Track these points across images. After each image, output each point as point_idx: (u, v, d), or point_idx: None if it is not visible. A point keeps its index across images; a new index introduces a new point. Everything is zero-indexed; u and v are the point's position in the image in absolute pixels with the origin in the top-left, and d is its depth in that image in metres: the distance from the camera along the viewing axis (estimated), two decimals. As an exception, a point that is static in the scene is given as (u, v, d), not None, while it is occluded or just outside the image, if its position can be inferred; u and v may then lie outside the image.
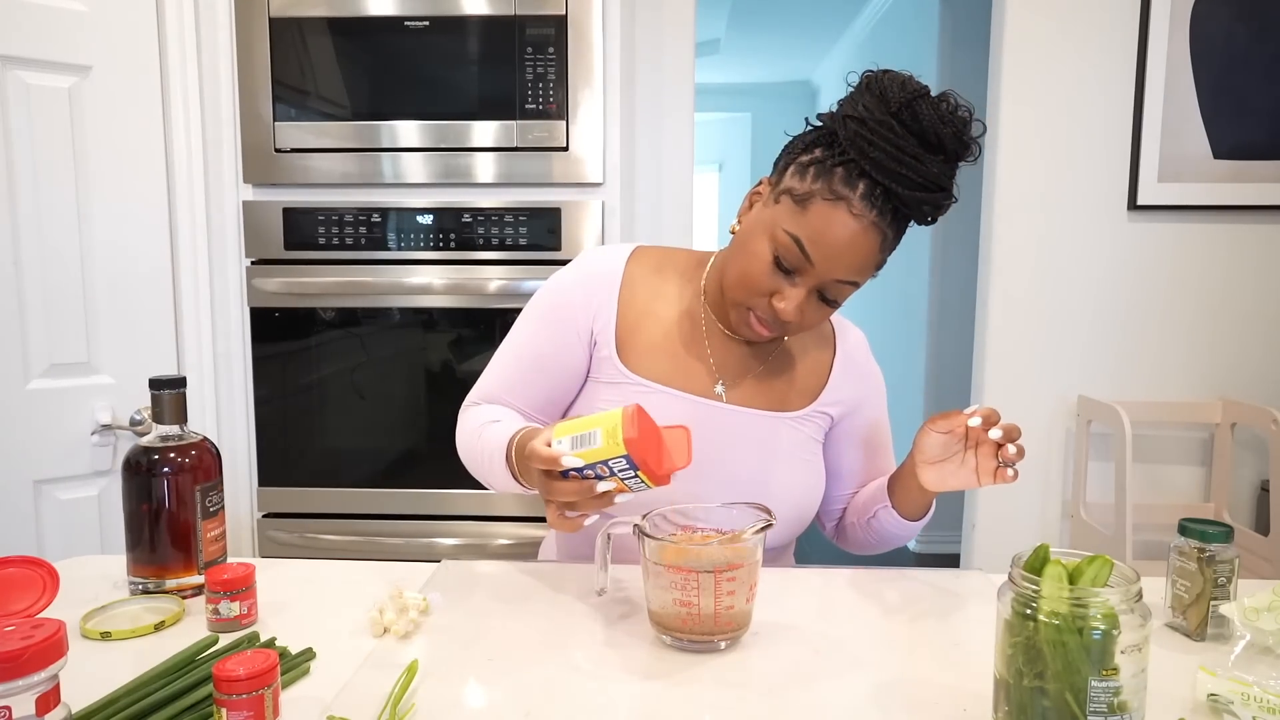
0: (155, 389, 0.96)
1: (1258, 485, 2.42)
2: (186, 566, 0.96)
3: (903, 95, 0.89)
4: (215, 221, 1.83)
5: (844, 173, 0.91)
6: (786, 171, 0.97)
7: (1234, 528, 0.92)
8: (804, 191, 0.93)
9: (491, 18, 1.77)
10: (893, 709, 0.73)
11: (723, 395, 1.06)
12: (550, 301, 1.08)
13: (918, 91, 0.89)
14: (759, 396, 1.08)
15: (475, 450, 1.01)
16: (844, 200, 0.91)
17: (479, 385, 1.10)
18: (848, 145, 0.91)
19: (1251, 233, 2.37)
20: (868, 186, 0.90)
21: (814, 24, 4.71)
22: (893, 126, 0.89)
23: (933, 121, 0.88)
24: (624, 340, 1.06)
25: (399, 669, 0.76)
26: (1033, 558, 0.66)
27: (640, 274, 1.09)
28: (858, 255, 0.93)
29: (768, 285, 0.96)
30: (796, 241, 0.93)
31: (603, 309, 1.06)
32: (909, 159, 0.89)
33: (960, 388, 2.88)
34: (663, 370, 1.05)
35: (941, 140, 0.89)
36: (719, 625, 0.82)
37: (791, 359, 1.11)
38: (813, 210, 0.92)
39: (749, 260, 0.96)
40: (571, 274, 1.09)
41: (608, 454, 0.77)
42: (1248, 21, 2.27)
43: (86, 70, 1.62)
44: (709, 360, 1.07)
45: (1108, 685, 0.60)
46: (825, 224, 0.91)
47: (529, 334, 1.08)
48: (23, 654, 0.54)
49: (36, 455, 1.62)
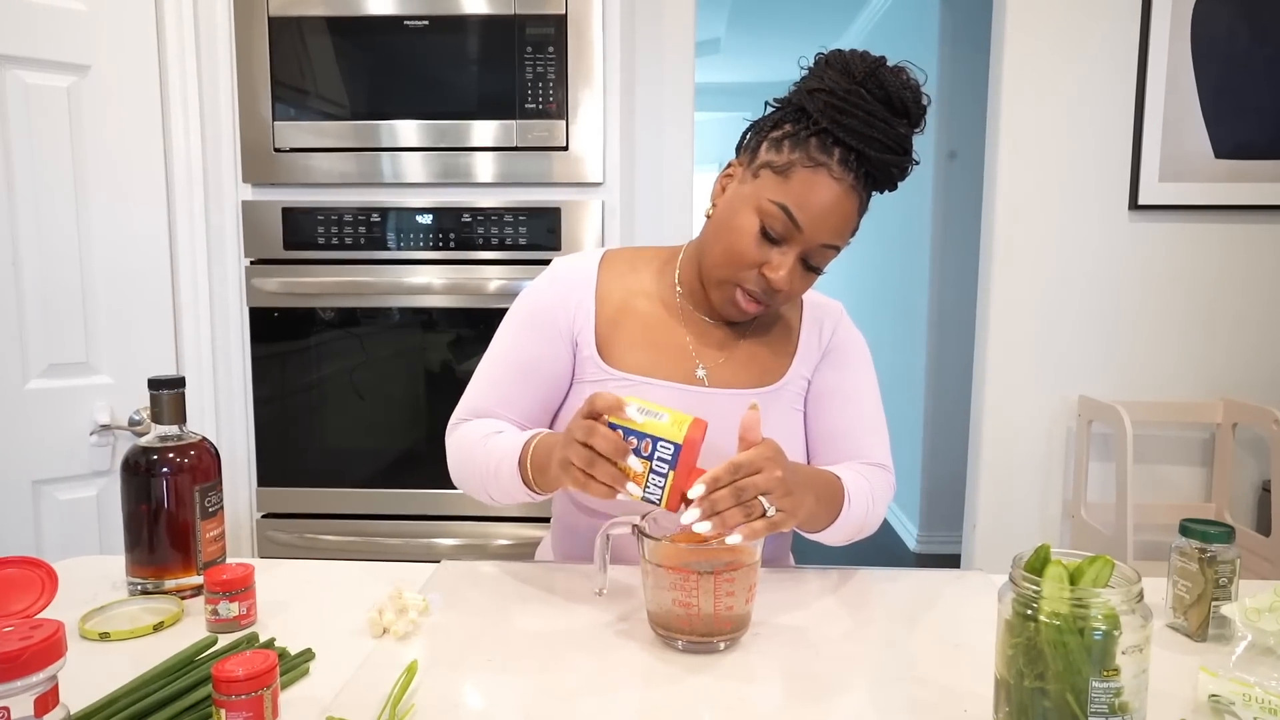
0: (154, 389, 0.96)
1: (1259, 485, 2.42)
2: (185, 567, 0.96)
3: (865, 66, 0.94)
4: (214, 221, 1.83)
5: (818, 141, 0.95)
6: (760, 148, 0.99)
7: (1235, 528, 0.91)
8: (784, 162, 0.96)
9: (491, 17, 1.77)
10: (893, 709, 0.73)
11: (704, 379, 1.07)
12: (529, 308, 1.09)
13: (878, 61, 0.95)
14: (740, 375, 1.08)
15: (477, 460, 1.00)
16: (824, 166, 0.94)
17: (466, 402, 1.09)
18: (819, 115, 0.94)
19: (1253, 232, 2.37)
20: (843, 152, 0.95)
21: (814, 24, 4.71)
22: (861, 94, 0.93)
23: (896, 88, 0.94)
24: (604, 338, 1.07)
25: (398, 669, 0.76)
26: (1034, 558, 0.66)
27: (613, 274, 1.11)
28: (841, 218, 0.97)
29: (756, 256, 0.98)
30: (783, 209, 0.95)
31: (580, 309, 1.07)
32: (879, 123, 0.93)
33: (961, 388, 2.88)
34: (643, 362, 1.06)
35: (905, 105, 0.94)
36: (718, 626, 0.82)
37: (764, 330, 1.12)
38: (795, 177, 0.95)
39: (735, 235, 0.99)
40: (545, 281, 1.11)
41: (665, 434, 0.80)
42: (1249, 21, 2.27)
43: (85, 69, 1.62)
44: (688, 346, 1.08)
45: (1109, 686, 0.60)
46: (809, 189, 0.95)
47: (512, 343, 1.08)
48: (21, 654, 0.54)
49: (35, 455, 1.62)
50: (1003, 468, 2.48)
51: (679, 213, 2.42)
